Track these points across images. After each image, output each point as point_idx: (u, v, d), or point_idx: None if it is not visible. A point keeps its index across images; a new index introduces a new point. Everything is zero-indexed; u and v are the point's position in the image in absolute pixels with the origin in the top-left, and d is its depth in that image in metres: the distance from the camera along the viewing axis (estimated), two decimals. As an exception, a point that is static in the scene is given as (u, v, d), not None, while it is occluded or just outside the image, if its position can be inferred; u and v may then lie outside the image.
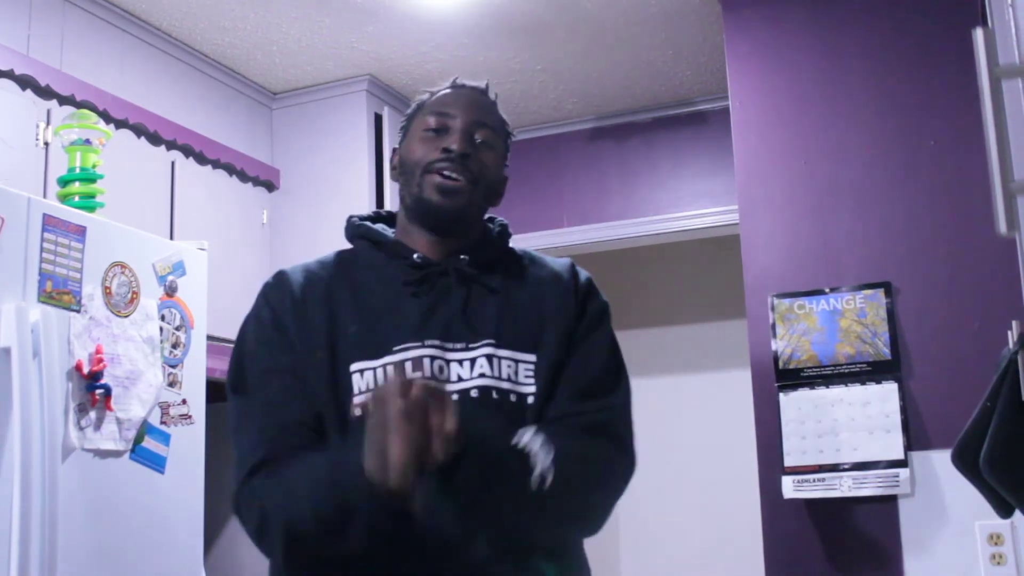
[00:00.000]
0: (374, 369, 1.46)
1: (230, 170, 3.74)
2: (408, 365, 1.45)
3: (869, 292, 2.78)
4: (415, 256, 1.55)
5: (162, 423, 2.65)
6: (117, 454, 2.50)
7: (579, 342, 1.55)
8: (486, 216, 1.66)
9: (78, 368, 2.39)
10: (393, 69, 3.89)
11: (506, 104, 1.69)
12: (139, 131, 3.33)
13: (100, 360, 2.45)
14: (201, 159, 3.59)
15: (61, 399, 2.34)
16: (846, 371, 2.75)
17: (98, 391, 2.43)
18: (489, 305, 1.54)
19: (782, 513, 2.76)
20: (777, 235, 2.95)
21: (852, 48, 2.97)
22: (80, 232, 2.47)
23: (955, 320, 2.70)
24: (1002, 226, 0.97)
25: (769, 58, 3.08)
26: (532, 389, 1.49)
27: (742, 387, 3.28)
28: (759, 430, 2.83)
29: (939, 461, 2.60)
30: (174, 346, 2.73)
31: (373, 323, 1.50)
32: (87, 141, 2.79)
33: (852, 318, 2.78)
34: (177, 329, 2.75)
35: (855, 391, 2.72)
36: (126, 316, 2.57)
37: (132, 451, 2.54)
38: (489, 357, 1.48)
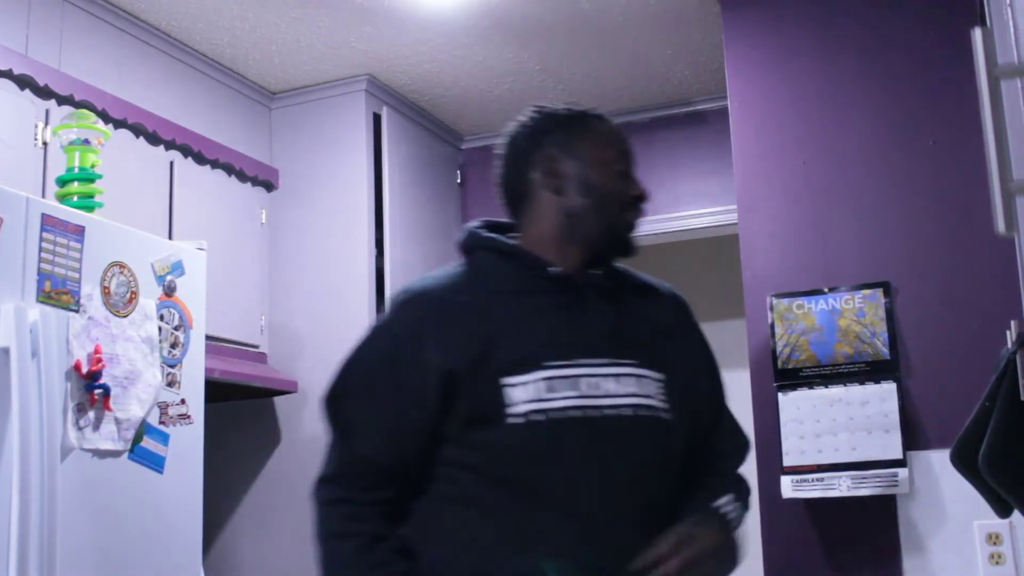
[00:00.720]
0: (527, 384, 1.50)
1: (229, 170, 3.74)
2: (562, 383, 1.50)
3: (868, 292, 2.78)
4: (551, 270, 1.59)
5: (161, 423, 2.65)
6: (116, 454, 2.50)
7: (700, 360, 1.68)
8: None
9: (77, 368, 2.39)
10: (392, 69, 3.89)
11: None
12: (138, 131, 3.33)
13: (99, 360, 2.45)
14: (200, 159, 3.59)
15: (60, 399, 2.34)
16: (845, 371, 2.75)
17: (97, 391, 2.43)
18: (628, 320, 1.61)
19: (781, 513, 2.76)
20: (776, 235, 2.95)
21: (851, 48, 2.97)
22: (79, 232, 2.46)
23: (954, 320, 2.70)
24: (1001, 226, 0.97)
25: (768, 58, 3.08)
26: (665, 406, 1.56)
27: (741, 387, 3.27)
28: (758, 430, 2.83)
29: (938, 461, 2.60)
30: (173, 346, 2.73)
31: (521, 338, 1.54)
32: (86, 141, 2.79)
33: (851, 318, 2.78)
34: (176, 329, 2.75)
35: (854, 391, 2.73)
36: (125, 316, 2.57)
37: (131, 451, 2.54)
38: (636, 375, 1.55)
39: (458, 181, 4.52)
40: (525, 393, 1.49)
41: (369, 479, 1.56)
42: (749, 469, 2.85)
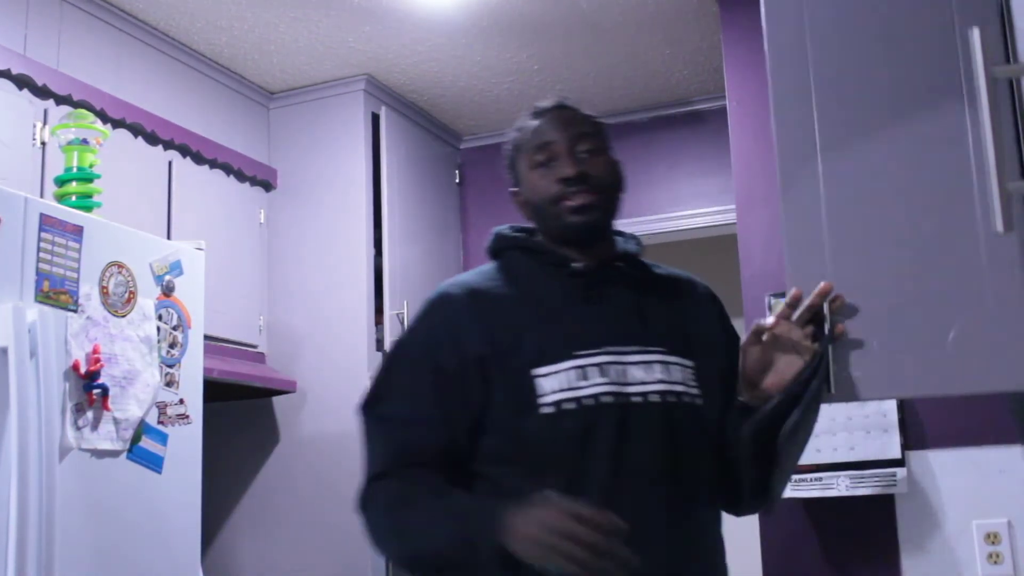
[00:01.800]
0: (558, 373, 1.53)
1: (227, 170, 3.74)
2: (592, 370, 1.53)
3: (866, 291, 2.77)
4: (575, 264, 1.63)
5: (159, 423, 2.65)
6: (114, 454, 2.50)
7: (730, 347, 1.67)
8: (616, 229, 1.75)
9: (75, 368, 2.39)
10: (390, 69, 3.89)
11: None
12: (136, 131, 3.32)
13: (97, 360, 2.45)
14: (198, 159, 3.59)
15: (58, 399, 2.34)
16: (843, 370, 2.75)
17: (95, 391, 2.43)
18: (653, 310, 1.64)
19: (779, 513, 2.76)
20: (774, 234, 2.95)
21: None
22: (77, 232, 2.46)
23: (952, 319, 2.70)
24: (999, 225, 0.97)
25: (765, 57, 3.08)
26: (697, 392, 1.59)
27: (739, 386, 3.27)
28: (756, 429, 2.83)
29: (936, 460, 2.60)
30: (171, 346, 2.73)
31: (550, 328, 1.57)
32: (84, 141, 2.79)
33: (849, 317, 2.77)
34: (174, 329, 2.74)
35: (852, 390, 2.72)
36: (123, 316, 2.56)
37: (129, 451, 2.54)
38: (663, 362, 1.57)
39: (456, 181, 4.52)
40: (556, 383, 1.52)
41: (418, 470, 1.55)
42: (748, 469, 2.86)
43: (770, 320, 1.53)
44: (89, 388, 2.42)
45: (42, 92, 2.97)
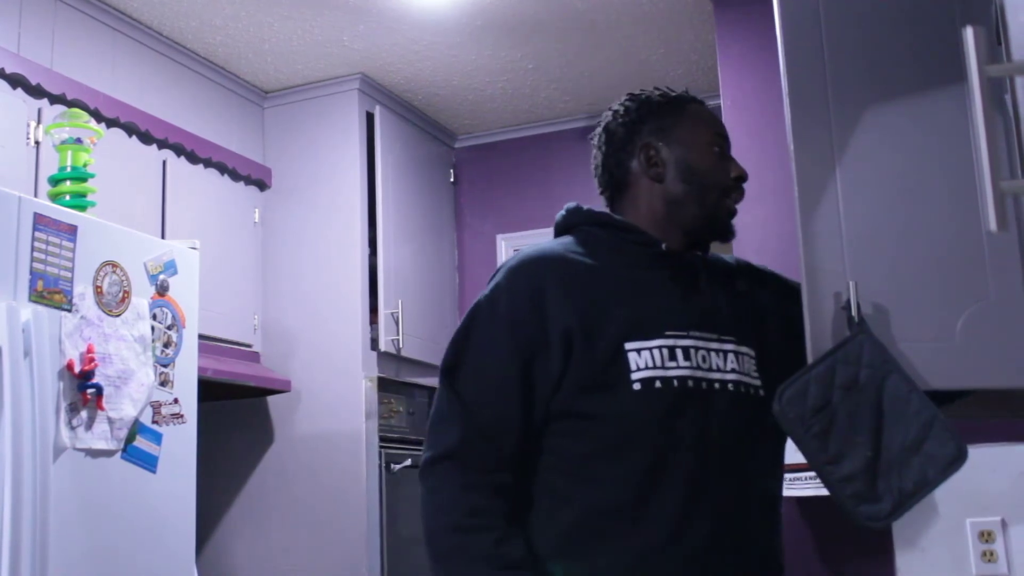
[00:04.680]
0: (650, 349, 1.51)
1: (222, 169, 3.74)
2: (679, 352, 1.52)
3: (860, 290, 2.78)
4: (665, 246, 1.61)
5: (154, 422, 2.65)
6: (109, 453, 2.50)
7: (789, 336, 1.64)
8: None
9: (69, 367, 2.39)
10: (385, 68, 3.89)
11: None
12: (130, 130, 3.32)
13: (91, 359, 2.44)
14: (193, 158, 3.59)
15: (52, 399, 2.34)
16: (838, 369, 2.75)
17: (89, 390, 2.43)
18: (725, 298, 1.63)
19: (774, 511, 2.76)
20: (769, 233, 2.95)
21: (843, 47, 2.98)
22: (71, 231, 2.46)
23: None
24: (993, 224, 0.97)
25: (760, 57, 3.09)
26: (758, 382, 1.58)
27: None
28: (751, 428, 2.83)
29: (930, 459, 2.60)
30: (166, 345, 2.72)
31: (641, 304, 1.55)
32: (78, 140, 2.79)
33: (843, 316, 2.78)
34: (169, 328, 2.74)
35: (847, 389, 2.72)
36: (117, 315, 2.56)
37: (124, 450, 2.54)
38: (736, 351, 1.57)
39: (451, 180, 4.52)
40: (647, 359, 1.50)
41: (491, 460, 1.50)
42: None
43: None
44: (83, 388, 2.42)
45: (36, 91, 2.97)
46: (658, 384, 1.48)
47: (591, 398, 1.50)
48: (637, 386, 1.48)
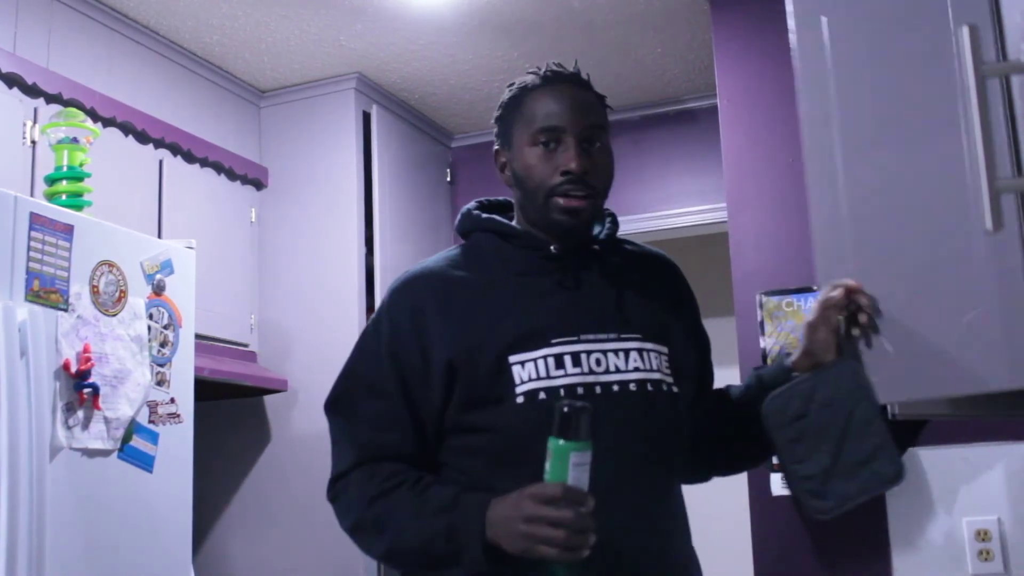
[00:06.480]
0: (535, 360, 1.49)
1: (218, 168, 3.73)
2: (568, 359, 1.49)
3: (857, 289, 2.78)
4: (551, 248, 1.57)
5: (150, 422, 2.65)
6: (105, 453, 2.49)
7: (699, 334, 1.69)
8: None
9: (66, 367, 2.39)
10: (382, 67, 3.88)
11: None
12: (127, 129, 3.32)
13: (88, 359, 2.44)
14: (189, 157, 3.58)
15: (49, 398, 2.33)
16: (834, 368, 2.75)
17: (86, 390, 2.43)
18: (629, 294, 1.59)
19: (770, 510, 2.77)
20: (765, 233, 2.96)
21: (840, 46, 2.98)
22: (67, 231, 2.46)
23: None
24: (988, 223, 0.97)
25: (757, 56, 3.09)
26: (671, 379, 1.56)
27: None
28: (748, 427, 2.83)
29: (927, 458, 2.61)
30: (162, 345, 2.72)
31: (527, 314, 1.52)
32: (74, 139, 2.78)
33: (840, 315, 2.78)
34: (165, 328, 2.74)
35: (843, 388, 2.73)
36: (114, 315, 2.56)
37: (120, 450, 2.54)
38: (640, 349, 1.54)
39: (448, 179, 4.52)
40: (531, 371, 1.48)
41: (385, 462, 1.53)
42: (739, 466, 2.86)
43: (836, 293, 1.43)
44: (80, 387, 2.42)
45: (32, 91, 2.96)
46: (542, 396, 1.46)
47: (480, 413, 1.49)
48: (520, 399, 1.47)
